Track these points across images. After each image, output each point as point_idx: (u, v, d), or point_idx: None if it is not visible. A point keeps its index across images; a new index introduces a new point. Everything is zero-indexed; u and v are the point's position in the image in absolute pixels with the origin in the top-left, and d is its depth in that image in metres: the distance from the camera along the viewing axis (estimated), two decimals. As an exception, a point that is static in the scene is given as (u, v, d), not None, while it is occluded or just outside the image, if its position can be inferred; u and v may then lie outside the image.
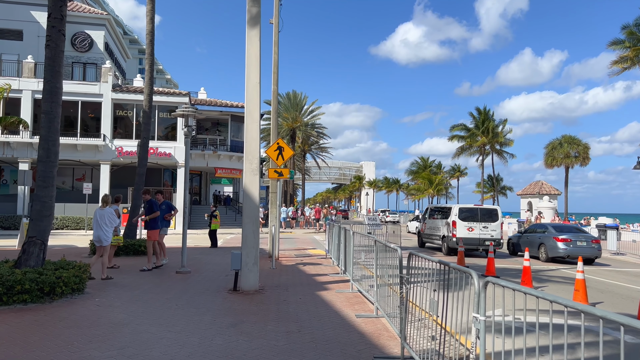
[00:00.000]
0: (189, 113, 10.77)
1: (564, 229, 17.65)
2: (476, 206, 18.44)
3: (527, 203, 44.74)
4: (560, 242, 16.34)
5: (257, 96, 8.73)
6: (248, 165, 8.70)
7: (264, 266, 12.23)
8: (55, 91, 8.38)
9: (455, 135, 52.97)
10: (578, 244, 16.22)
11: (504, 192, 61.27)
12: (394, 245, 5.94)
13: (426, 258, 4.64)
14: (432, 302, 4.19)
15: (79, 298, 7.59)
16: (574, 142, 43.09)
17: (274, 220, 14.42)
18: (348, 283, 9.74)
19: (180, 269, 10.86)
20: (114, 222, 9.89)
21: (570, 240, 16.30)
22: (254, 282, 8.57)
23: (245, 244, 8.58)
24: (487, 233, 17.24)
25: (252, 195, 8.67)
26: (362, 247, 9.01)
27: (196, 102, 33.24)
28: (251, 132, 8.72)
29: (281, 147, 13.38)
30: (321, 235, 28.98)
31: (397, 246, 5.63)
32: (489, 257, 12.89)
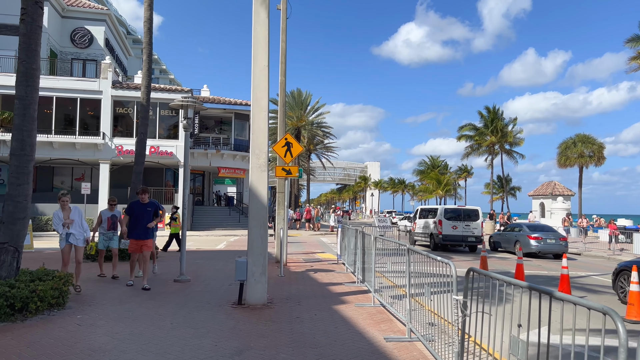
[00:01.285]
0: (189, 104, 9.67)
1: (537, 228, 19.45)
2: (459, 207, 21.09)
3: (539, 204, 43.43)
4: (533, 239, 18.22)
5: (265, 81, 7.61)
6: (255, 161, 7.59)
7: (271, 273, 11.10)
8: (32, 73, 7.33)
9: (464, 135, 51.73)
10: (548, 242, 18.18)
11: (513, 193, 59.93)
12: (438, 257, 4.80)
13: (501, 279, 3.50)
14: (514, 340, 3.05)
15: (57, 315, 6.48)
16: (588, 141, 41.77)
17: (282, 222, 13.30)
18: (368, 295, 8.62)
19: (179, 277, 9.75)
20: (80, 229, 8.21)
21: (541, 238, 18.22)
22: (262, 294, 7.45)
23: (252, 251, 7.47)
24: (469, 231, 19.19)
25: (259, 195, 7.55)
26: (384, 252, 7.88)
27: (199, 99, 32.19)
28: (258, 122, 7.61)
29: (289, 143, 12.27)
30: (329, 237, 27.86)
31: (448, 260, 4.48)
32: (518, 264, 11.74)
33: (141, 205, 8.98)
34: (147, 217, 8.94)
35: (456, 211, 20.05)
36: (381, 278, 8.45)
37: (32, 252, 15.37)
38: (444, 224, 19.18)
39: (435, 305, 5.19)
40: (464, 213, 19.79)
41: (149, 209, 9.02)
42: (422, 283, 5.57)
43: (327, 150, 57.22)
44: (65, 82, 27.94)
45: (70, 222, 7.99)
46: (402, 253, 6.18)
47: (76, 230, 8.13)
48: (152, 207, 9.10)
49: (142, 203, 8.99)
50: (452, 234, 19.07)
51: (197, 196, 36.67)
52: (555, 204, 38.91)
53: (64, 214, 8.06)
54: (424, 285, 5.49)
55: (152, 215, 9.06)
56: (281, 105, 13.68)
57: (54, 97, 27.80)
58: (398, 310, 6.97)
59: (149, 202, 9.10)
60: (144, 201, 9.02)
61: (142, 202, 8.99)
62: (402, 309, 7.31)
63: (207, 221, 31.36)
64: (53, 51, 31.89)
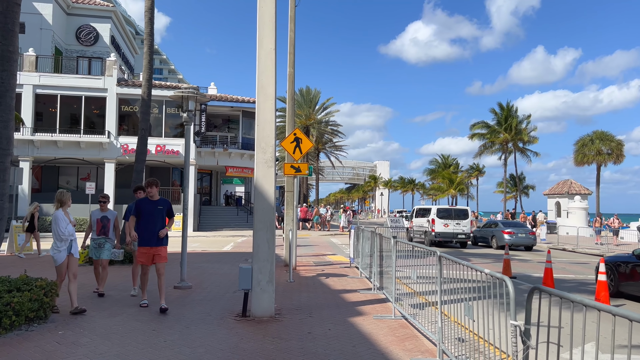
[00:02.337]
0: (189, 95, 8.89)
1: (510, 224, 22.08)
2: (451, 207, 23.95)
3: (554, 203, 42.22)
4: (506, 234, 20.64)
5: (272, 66, 6.79)
6: (261, 155, 6.77)
7: (279, 278, 10.30)
8: (8, 57, 6.60)
9: (476, 133, 50.52)
10: (519, 235, 20.68)
11: (527, 192, 58.55)
12: (487, 271, 3.94)
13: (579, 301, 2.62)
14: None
15: (37, 330, 5.72)
16: (606, 138, 40.41)
17: (291, 222, 12.49)
18: (386, 305, 7.77)
19: (179, 284, 8.98)
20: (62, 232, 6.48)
21: (513, 232, 20.72)
22: (269, 305, 6.63)
23: (258, 257, 6.65)
24: (459, 228, 20.97)
25: (266, 193, 6.73)
26: (404, 254, 7.03)
27: (205, 96, 31.51)
28: (264, 113, 6.79)
29: (299, 139, 11.46)
30: (339, 238, 27.01)
31: (502, 276, 3.62)
32: (547, 267, 10.81)
33: (151, 202, 7.03)
34: (159, 217, 6.99)
35: (448, 211, 22.06)
36: (399, 284, 7.61)
37: (31, 254, 14.73)
38: (436, 223, 20.96)
39: (461, 315, 4.37)
40: (454, 212, 21.73)
41: (160, 207, 7.04)
42: (450, 289, 4.73)
43: (336, 149, 56.35)
44: (69, 80, 27.40)
45: (74, 224, 6.70)
46: (429, 259, 5.33)
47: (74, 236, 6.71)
48: (165, 205, 7.14)
49: (151, 200, 7.06)
50: (444, 231, 20.86)
51: (205, 196, 36.02)
52: (572, 204, 37.67)
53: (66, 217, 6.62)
54: (446, 291, 4.65)
55: (165, 216, 7.14)
56: (289, 99, 12.87)
57: (59, 95, 27.29)
58: (422, 323, 6.13)
59: (160, 200, 7.16)
60: (154, 198, 7.07)
61: (152, 199, 7.07)
62: (425, 321, 6.46)
63: (215, 221, 30.69)
64: (58, 49, 31.42)
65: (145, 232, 6.96)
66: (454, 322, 5.08)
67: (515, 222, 23.63)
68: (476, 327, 4.23)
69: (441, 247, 20.29)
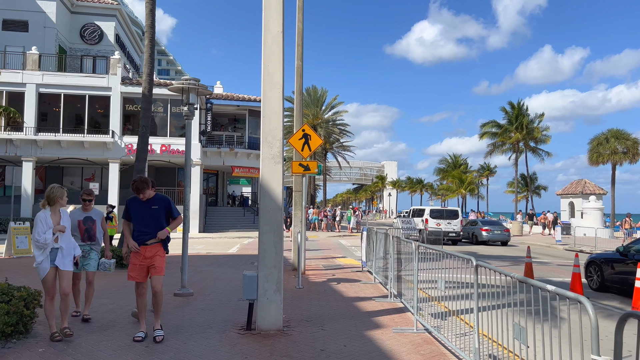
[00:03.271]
0: (190, 86, 8.23)
1: (487, 223, 25.04)
2: (443, 208, 25.77)
3: (568, 203, 41.19)
4: (484, 231, 23.43)
5: (279, 50, 6.11)
6: (267, 150, 6.09)
7: (287, 284, 9.62)
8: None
9: (487, 132, 49.57)
10: (495, 232, 23.35)
11: (539, 192, 57.40)
12: (552, 288, 3.22)
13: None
14: None
15: (15, 347, 5.07)
16: (622, 137, 39.26)
17: (299, 224, 11.80)
18: (406, 315, 7.06)
19: (179, 290, 8.32)
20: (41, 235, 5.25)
21: (490, 230, 23.47)
22: (276, 317, 5.95)
23: (264, 263, 5.97)
24: (450, 227, 22.90)
25: (272, 192, 6.05)
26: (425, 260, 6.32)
27: (211, 96, 30.94)
28: (271, 103, 6.11)
29: (307, 135, 10.78)
30: (348, 239, 26.29)
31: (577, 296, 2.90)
32: (574, 272, 10.03)
33: (142, 203, 5.64)
34: (154, 220, 5.56)
35: (440, 211, 24.02)
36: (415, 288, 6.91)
37: (30, 257, 14.17)
38: (430, 222, 22.71)
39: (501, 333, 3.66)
40: (446, 213, 23.75)
41: (154, 207, 5.58)
42: (489, 305, 4.01)
43: (344, 149, 55.62)
44: (73, 79, 26.92)
45: (62, 229, 5.41)
46: (457, 264, 4.62)
47: (65, 243, 5.46)
48: (161, 204, 5.66)
49: (142, 201, 5.65)
50: (437, 230, 22.48)
51: (211, 197, 35.47)
52: (587, 204, 36.64)
53: (52, 220, 5.39)
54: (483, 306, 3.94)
55: (164, 217, 5.67)
56: (297, 94, 12.18)
57: (62, 94, 26.82)
58: (448, 337, 5.42)
59: (154, 198, 5.69)
60: (147, 197, 5.65)
61: (143, 199, 5.65)
62: (450, 334, 5.76)
63: (221, 222, 30.10)
64: (62, 47, 31.02)
65: (136, 240, 5.53)
66: (494, 343, 4.36)
67: (492, 221, 27.13)
68: (531, 355, 3.50)
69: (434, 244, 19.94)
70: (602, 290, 10.35)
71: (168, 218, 5.73)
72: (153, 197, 5.72)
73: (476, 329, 4.28)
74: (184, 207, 8.58)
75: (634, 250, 9.70)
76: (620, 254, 9.93)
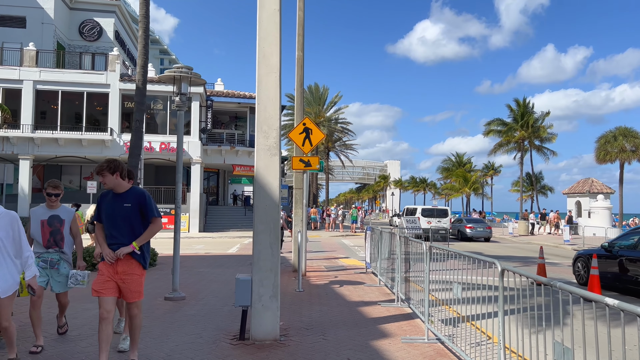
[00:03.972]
0: (182, 75, 7.67)
1: (471, 221, 27.21)
2: (433, 207, 28.37)
3: (574, 203, 40.50)
4: (468, 228, 25.55)
5: (276, 30, 5.54)
6: (262, 141, 5.52)
7: (287, 287, 9.06)
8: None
9: (492, 130, 48.83)
10: (478, 230, 25.48)
11: (544, 192, 56.57)
12: (613, 302, 2.64)
13: None
14: None
15: (-23, 360, 4.51)
16: (630, 135, 38.42)
17: (300, 223, 11.23)
18: (414, 322, 6.48)
19: (171, 294, 7.76)
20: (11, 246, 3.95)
21: (474, 227, 25.59)
22: (272, 325, 5.37)
23: (259, 266, 5.40)
24: (440, 225, 24.78)
25: (268, 187, 5.48)
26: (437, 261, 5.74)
27: (212, 93, 30.44)
28: (267, 89, 5.54)
29: (308, 129, 10.20)
30: (350, 239, 25.71)
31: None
32: (592, 274, 9.43)
33: (113, 199, 4.27)
34: (125, 221, 4.19)
35: (431, 210, 26.72)
36: (418, 289, 6.35)
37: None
38: (421, 220, 24.01)
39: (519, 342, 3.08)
40: (436, 212, 26.28)
41: (126, 204, 4.20)
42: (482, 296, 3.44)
43: (346, 148, 55.02)
44: (71, 76, 26.41)
45: None
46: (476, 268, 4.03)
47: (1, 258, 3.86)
48: (134, 201, 4.24)
49: (116, 194, 4.27)
50: (428, 227, 23.76)
51: (212, 196, 34.94)
52: (595, 203, 35.94)
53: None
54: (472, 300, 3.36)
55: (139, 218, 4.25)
56: (298, 86, 11.60)
57: (60, 91, 26.33)
58: (463, 348, 4.85)
59: (128, 193, 4.27)
60: (117, 190, 4.26)
61: (116, 193, 4.27)
62: (464, 344, 5.19)
63: (221, 222, 29.56)
64: (60, 44, 30.55)
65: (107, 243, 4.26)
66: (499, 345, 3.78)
67: (475, 219, 29.45)
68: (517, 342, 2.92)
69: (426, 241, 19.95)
70: None
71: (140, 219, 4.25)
72: (127, 192, 4.26)
73: (502, 343, 3.69)
74: (176, 205, 8.00)
75: (617, 246, 10.08)
76: (605, 250, 10.30)
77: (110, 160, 4.19)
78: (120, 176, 4.19)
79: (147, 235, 4.23)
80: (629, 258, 9.49)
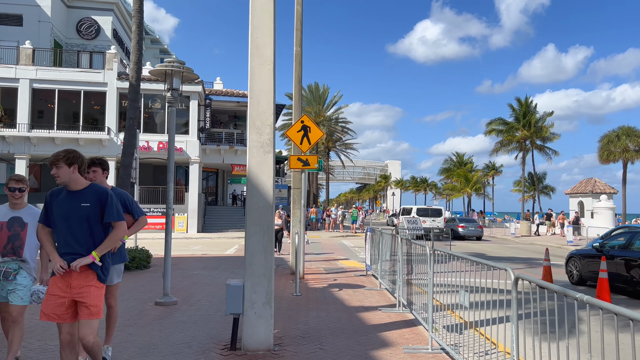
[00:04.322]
0: (174, 69, 7.33)
1: (463, 220, 28.49)
2: (428, 207, 30.51)
3: (577, 203, 40.12)
4: (460, 227, 26.53)
5: (269, 19, 5.20)
6: (255, 137, 5.18)
7: (284, 290, 8.72)
8: None
9: (494, 129, 48.47)
10: (470, 229, 26.61)
11: (547, 192, 56.15)
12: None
13: None
14: None
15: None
16: (634, 134, 38.14)
17: (298, 224, 10.89)
18: (417, 329, 6.14)
19: (161, 299, 7.41)
20: None
21: (465, 226, 26.75)
22: (266, 335, 5.03)
23: (251, 270, 5.05)
24: (434, 224, 25.75)
25: (262, 187, 5.14)
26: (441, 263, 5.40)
27: (211, 92, 30.10)
28: (260, 81, 5.19)
29: (307, 127, 9.87)
30: (351, 239, 25.38)
31: None
32: (601, 278, 9.08)
33: (68, 197, 3.51)
34: (82, 224, 3.46)
35: (425, 210, 28.52)
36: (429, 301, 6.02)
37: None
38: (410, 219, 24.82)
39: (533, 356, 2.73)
40: (431, 211, 28.00)
41: (85, 204, 3.46)
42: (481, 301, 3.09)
43: (347, 147, 54.66)
44: (68, 74, 26.08)
45: None
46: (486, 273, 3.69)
47: None
48: (95, 200, 3.49)
49: (71, 192, 3.51)
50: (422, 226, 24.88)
51: (211, 196, 34.60)
52: (598, 203, 35.53)
53: None
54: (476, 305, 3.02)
55: (99, 221, 3.51)
56: (296, 83, 11.25)
57: (56, 89, 25.99)
58: (467, 358, 4.50)
59: (88, 190, 3.53)
60: (74, 187, 3.50)
61: (71, 191, 3.50)
62: (469, 353, 4.85)
63: (220, 222, 29.22)
64: (57, 42, 30.21)
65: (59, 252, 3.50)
66: None
67: (467, 219, 30.60)
68: None
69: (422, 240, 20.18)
70: (580, 284, 10.86)
71: (100, 223, 3.50)
72: (85, 189, 3.49)
73: (515, 357, 3.34)
74: (167, 206, 7.67)
75: (608, 246, 10.26)
76: (596, 249, 10.46)
77: (69, 151, 3.53)
78: (78, 170, 3.49)
79: (109, 242, 3.50)
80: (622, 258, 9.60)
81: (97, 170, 4.28)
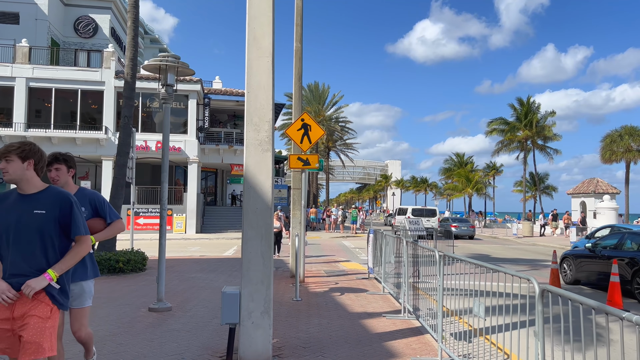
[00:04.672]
0: (169, 64, 7.00)
1: (456, 220, 29.48)
2: (422, 207, 32.69)
3: (579, 203, 39.79)
4: (453, 227, 26.77)
5: (268, 8, 4.87)
6: (252, 135, 4.85)
7: (283, 295, 8.39)
8: None
9: (495, 129, 48.12)
10: (462, 228, 27.65)
11: (548, 192, 55.80)
12: None
13: None
14: None
15: None
16: (636, 134, 37.81)
17: (298, 226, 10.56)
18: (424, 338, 5.80)
19: (155, 304, 7.08)
20: None
21: (458, 226, 27.64)
22: (264, 346, 4.70)
23: (248, 277, 4.72)
24: (429, 224, 25.62)
25: (259, 187, 4.81)
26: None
27: (210, 91, 29.77)
28: (257, 75, 4.86)
29: (307, 125, 9.54)
30: (351, 240, 25.05)
31: None
32: (613, 281, 8.76)
33: (19, 203, 2.73)
34: (31, 238, 2.69)
35: (420, 210, 29.84)
36: (432, 302, 5.69)
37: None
38: (411, 219, 24.97)
39: None
40: (425, 211, 29.14)
41: (38, 211, 2.70)
42: None
43: (347, 147, 54.34)
44: (65, 73, 25.74)
45: None
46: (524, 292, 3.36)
47: None
48: (53, 207, 2.74)
49: (22, 196, 2.74)
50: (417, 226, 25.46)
51: (210, 196, 34.26)
52: (601, 203, 35.19)
53: None
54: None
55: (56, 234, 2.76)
56: (296, 80, 10.92)
57: (53, 88, 25.65)
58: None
59: (43, 194, 2.76)
60: (27, 189, 2.73)
61: (23, 194, 2.74)
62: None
63: (219, 223, 28.88)
64: (55, 41, 29.87)
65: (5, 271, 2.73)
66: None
67: (460, 219, 31.53)
68: None
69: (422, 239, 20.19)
70: (575, 284, 10.91)
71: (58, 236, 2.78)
72: (40, 193, 2.77)
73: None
74: (161, 207, 7.33)
75: (600, 246, 10.37)
76: (589, 250, 10.56)
77: (26, 142, 2.79)
78: (34, 168, 2.75)
79: (70, 259, 2.76)
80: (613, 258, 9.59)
81: (61, 169, 3.53)
